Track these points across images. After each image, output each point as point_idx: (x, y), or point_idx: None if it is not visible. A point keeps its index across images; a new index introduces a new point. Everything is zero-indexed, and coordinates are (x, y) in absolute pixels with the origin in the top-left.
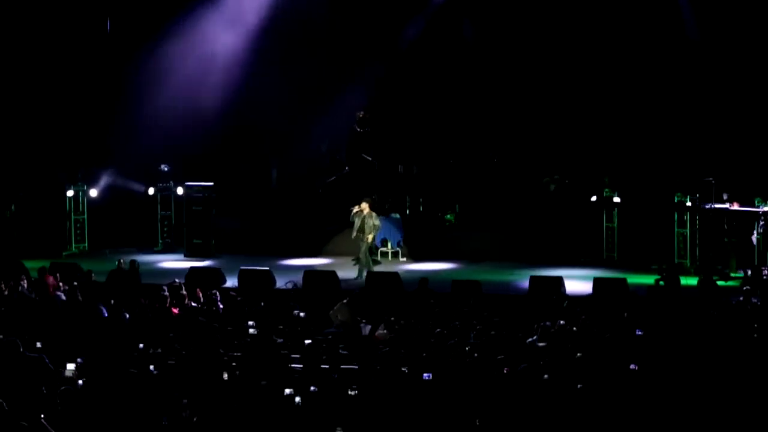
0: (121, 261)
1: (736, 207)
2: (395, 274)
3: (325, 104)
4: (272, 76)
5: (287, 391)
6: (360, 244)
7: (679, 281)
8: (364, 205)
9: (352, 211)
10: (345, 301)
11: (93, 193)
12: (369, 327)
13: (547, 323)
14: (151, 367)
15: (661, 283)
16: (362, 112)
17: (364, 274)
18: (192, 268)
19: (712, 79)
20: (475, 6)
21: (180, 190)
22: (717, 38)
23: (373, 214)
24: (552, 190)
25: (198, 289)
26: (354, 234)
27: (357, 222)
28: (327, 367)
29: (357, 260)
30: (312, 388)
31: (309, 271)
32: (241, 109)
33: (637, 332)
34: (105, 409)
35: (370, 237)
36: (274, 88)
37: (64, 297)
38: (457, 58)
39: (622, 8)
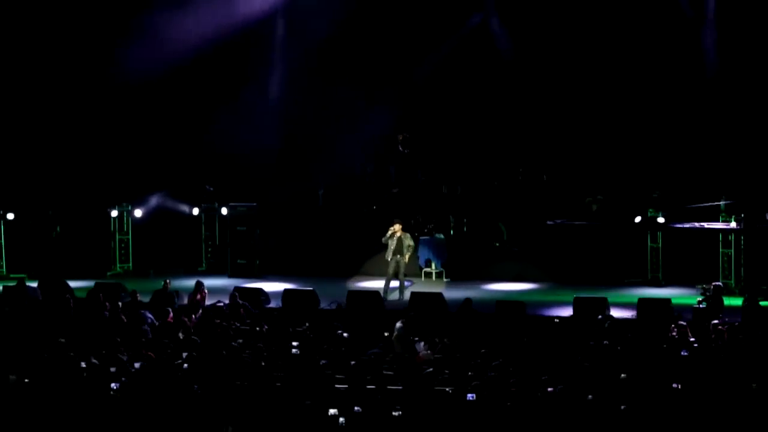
0: (167, 281)
1: None
2: (439, 295)
3: (366, 124)
4: (315, 95)
5: (331, 411)
6: (395, 266)
7: (722, 302)
8: (397, 227)
9: (386, 234)
10: (399, 324)
11: (138, 213)
12: (422, 343)
13: (591, 343)
14: (195, 386)
15: (703, 304)
16: (403, 135)
17: (407, 294)
18: (236, 288)
19: (753, 96)
20: (514, 23)
21: (224, 210)
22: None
23: (407, 234)
24: (594, 210)
25: (242, 309)
26: (390, 256)
27: (392, 244)
28: (372, 387)
29: (389, 282)
30: (356, 408)
31: (353, 292)
32: (287, 130)
33: (682, 353)
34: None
35: (407, 257)
36: (315, 108)
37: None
38: (498, 75)
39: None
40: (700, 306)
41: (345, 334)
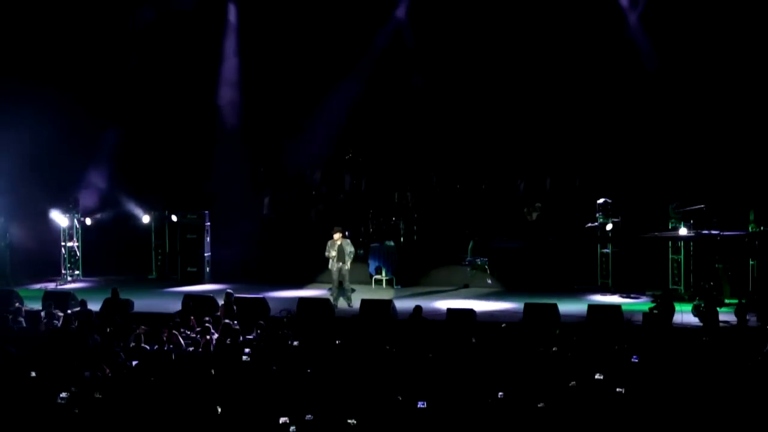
0: (116, 289)
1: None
2: (389, 302)
3: (313, 131)
4: (260, 102)
5: (282, 419)
6: (338, 274)
7: (674, 308)
8: (338, 235)
9: (327, 245)
10: None
11: (88, 221)
12: None
13: (541, 349)
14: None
15: (655, 311)
16: (352, 150)
17: (354, 302)
18: (186, 296)
19: (706, 104)
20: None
21: (174, 218)
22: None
23: (348, 240)
24: (534, 219)
25: (192, 318)
26: (334, 265)
27: (333, 252)
28: (323, 394)
29: (337, 290)
30: (308, 416)
31: (303, 299)
32: (234, 136)
33: (633, 359)
34: None
35: (349, 263)
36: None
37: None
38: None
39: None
40: (654, 312)
41: (295, 343)
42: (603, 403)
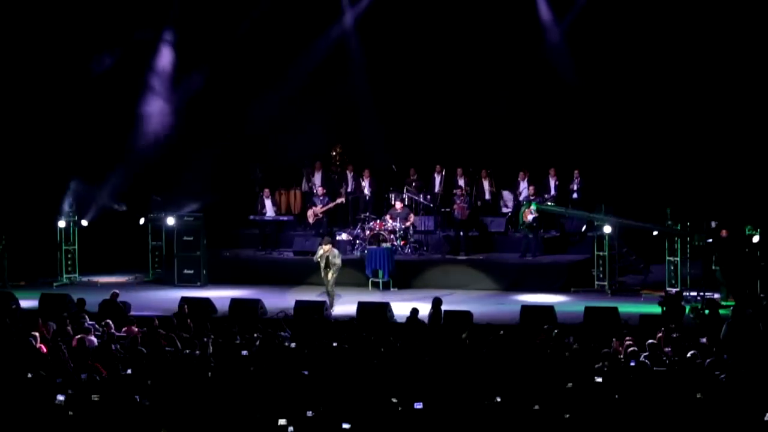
0: (115, 292)
1: (724, 235)
2: (386, 305)
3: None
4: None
5: (281, 421)
6: (328, 279)
7: (684, 309)
8: (327, 246)
9: (317, 253)
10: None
11: (84, 222)
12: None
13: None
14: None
15: (664, 308)
16: (338, 147)
17: (350, 305)
18: (183, 298)
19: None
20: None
21: (171, 220)
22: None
23: (335, 251)
24: (530, 222)
25: (189, 320)
26: (322, 270)
27: (322, 261)
28: (319, 396)
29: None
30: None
31: (300, 302)
32: (232, 136)
33: (631, 363)
34: None
35: (330, 274)
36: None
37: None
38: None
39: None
40: (664, 311)
41: (292, 345)
42: (600, 404)
